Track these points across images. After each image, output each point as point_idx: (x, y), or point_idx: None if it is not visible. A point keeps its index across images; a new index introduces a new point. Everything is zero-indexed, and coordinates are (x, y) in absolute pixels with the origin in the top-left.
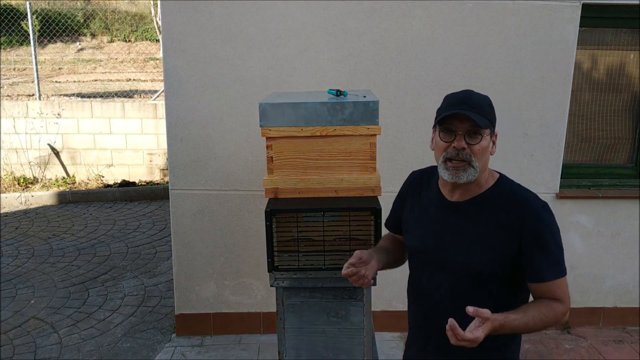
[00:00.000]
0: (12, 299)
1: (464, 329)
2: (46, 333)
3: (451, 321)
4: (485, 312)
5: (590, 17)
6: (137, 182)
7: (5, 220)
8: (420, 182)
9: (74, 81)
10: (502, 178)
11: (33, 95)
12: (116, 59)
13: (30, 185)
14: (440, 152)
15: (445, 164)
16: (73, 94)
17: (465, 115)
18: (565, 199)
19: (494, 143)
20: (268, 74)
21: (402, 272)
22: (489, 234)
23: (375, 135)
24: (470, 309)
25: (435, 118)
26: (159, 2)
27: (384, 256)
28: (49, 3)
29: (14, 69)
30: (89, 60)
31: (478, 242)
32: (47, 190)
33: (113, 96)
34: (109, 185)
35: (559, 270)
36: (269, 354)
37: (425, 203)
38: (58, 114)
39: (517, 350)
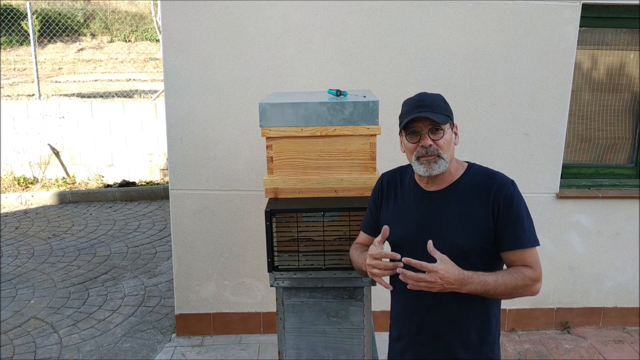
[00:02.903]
0: (12, 299)
1: (452, 310)
2: (46, 333)
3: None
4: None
5: (590, 17)
6: (137, 182)
7: (5, 220)
8: (394, 182)
9: (74, 81)
10: (472, 165)
11: (33, 95)
12: (116, 59)
13: (30, 185)
14: (411, 153)
15: (418, 160)
16: (73, 94)
17: (424, 117)
18: (565, 199)
19: (455, 134)
20: (268, 74)
21: None
22: (467, 214)
23: (375, 135)
24: (430, 244)
25: (400, 124)
26: (159, 2)
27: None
28: (49, 3)
29: (14, 69)
30: (89, 60)
31: (459, 223)
32: (47, 190)
33: (113, 96)
34: (109, 185)
35: (532, 238)
36: (269, 354)
37: (402, 199)
38: (58, 114)
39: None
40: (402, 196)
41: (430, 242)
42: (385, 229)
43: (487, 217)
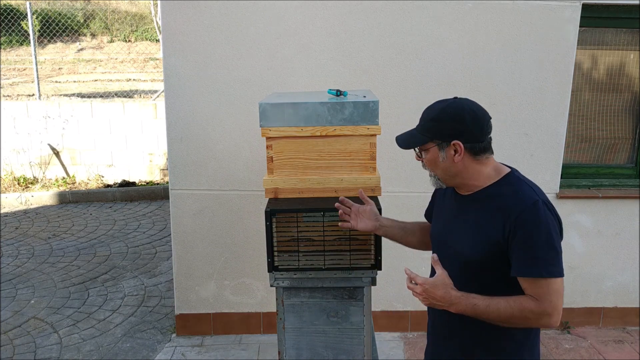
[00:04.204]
0: (12, 299)
1: (460, 324)
2: (46, 333)
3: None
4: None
5: (590, 17)
6: (137, 182)
7: (5, 220)
8: None
9: (74, 81)
10: (509, 175)
11: (33, 95)
12: (116, 59)
13: (30, 185)
14: None
15: None
16: (73, 94)
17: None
18: (565, 199)
19: (456, 151)
20: (268, 74)
21: (402, 273)
22: (479, 226)
23: (375, 135)
24: (434, 257)
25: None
26: (159, 2)
27: (396, 224)
28: (49, 3)
29: (14, 69)
30: (89, 60)
31: (469, 232)
32: (47, 190)
33: (113, 96)
34: (109, 185)
35: (544, 268)
36: (269, 354)
37: (445, 198)
38: (58, 114)
39: (527, 349)
40: (447, 195)
41: (434, 256)
42: (409, 273)
43: (498, 233)
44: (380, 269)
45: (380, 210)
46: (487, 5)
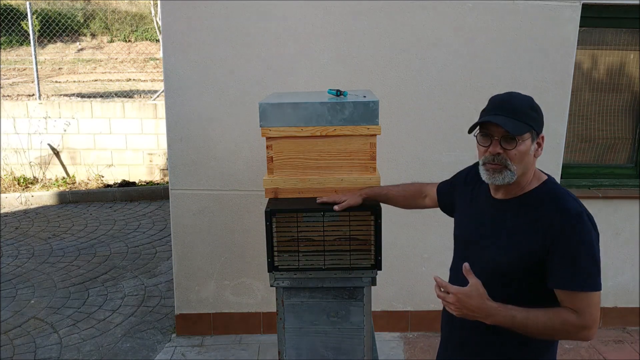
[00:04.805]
0: (12, 299)
1: (481, 332)
2: (46, 333)
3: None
4: (472, 276)
5: (590, 17)
6: (137, 182)
7: (5, 220)
8: (476, 175)
9: (74, 81)
10: (548, 181)
11: (33, 95)
12: (116, 59)
13: (30, 185)
14: (480, 155)
15: (484, 165)
16: (73, 94)
17: (496, 123)
18: None
19: (539, 145)
20: (268, 74)
21: (402, 273)
22: (519, 235)
23: (375, 135)
24: (466, 265)
25: (476, 122)
26: (159, 2)
27: (379, 190)
28: (49, 3)
29: (14, 69)
30: (89, 60)
31: (505, 239)
32: (47, 190)
33: (113, 96)
34: (109, 185)
35: (586, 281)
36: (269, 354)
37: (475, 196)
38: (58, 114)
39: (544, 351)
40: (477, 193)
41: (465, 265)
42: (439, 281)
43: (536, 242)
44: (380, 269)
45: (380, 210)
46: (487, 5)
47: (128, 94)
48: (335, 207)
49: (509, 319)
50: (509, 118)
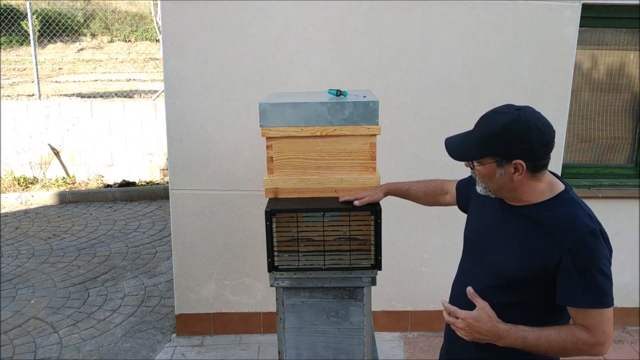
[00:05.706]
0: (12, 299)
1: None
2: (46, 333)
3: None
4: (479, 299)
5: (590, 17)
6: (137, 182)
7: (5, 220)
8: None
9: (74, 81)
10: (564, 194)
11: (33, 95)
12: (116, 59)
13: (30, 185)
14: None
15: None
16: (73, 94)
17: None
18: None
19: (516, 170)
20: (268, 74)
21: (402, 273)
22: (525, 243)
23: (375, 135)
24: (470, 290)
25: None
26: (159, 2)
27: (400, 185)
28: (49, 3)
29: (14, 69)
30: (89, 60)
31: (512, 247)
32: (47, 190)
33: (113, 96)
34: (109, 185)
35: (598, 298)
36: (269, 354)
37: (489, 198)
38: (58, 114)
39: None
40: (490, 197)
41: (469, 288)
42: (447, 306)
43: (546, 256)
44: (380, 269)
45: (380, 210)
46: (487, 5)
47: (128, 94)
48: (356, 203)
49: (520, 340)
50: (465, 140)
